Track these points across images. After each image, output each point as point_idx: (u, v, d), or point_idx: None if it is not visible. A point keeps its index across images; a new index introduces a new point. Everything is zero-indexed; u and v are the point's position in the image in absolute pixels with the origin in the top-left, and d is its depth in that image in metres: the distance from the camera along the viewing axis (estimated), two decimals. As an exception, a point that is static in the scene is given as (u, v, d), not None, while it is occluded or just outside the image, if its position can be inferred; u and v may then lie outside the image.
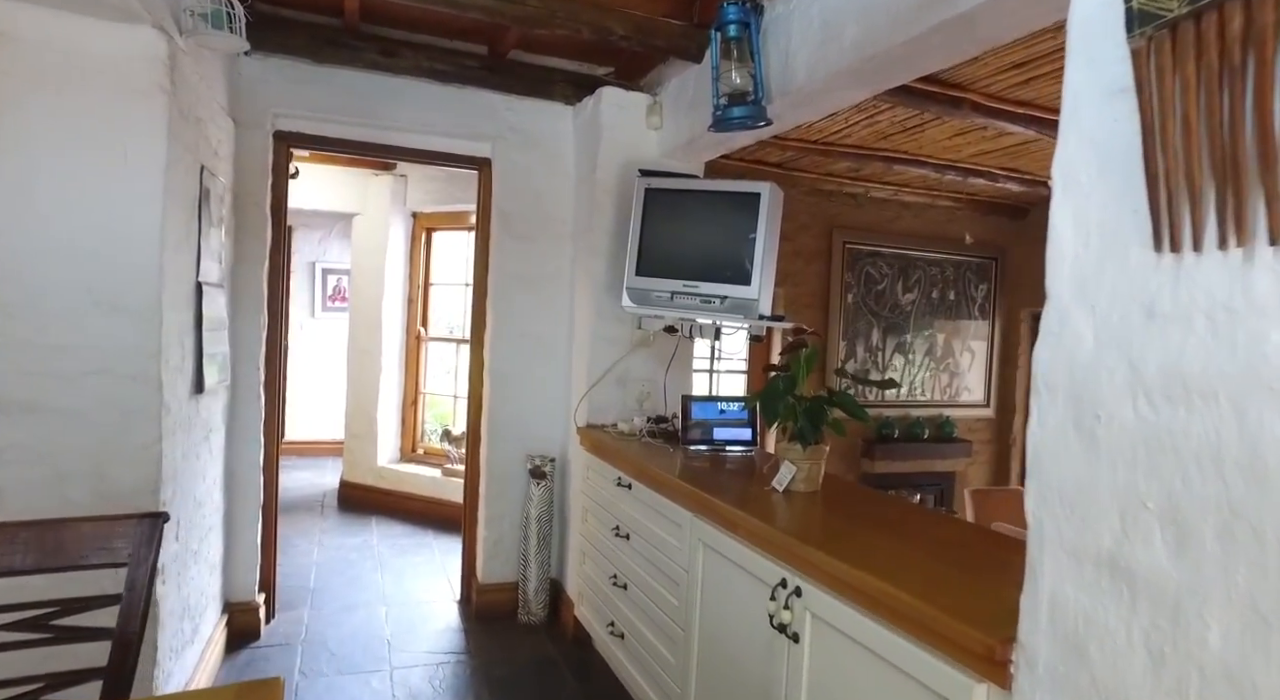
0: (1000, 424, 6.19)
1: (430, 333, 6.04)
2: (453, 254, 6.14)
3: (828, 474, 2.39)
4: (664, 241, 3.12)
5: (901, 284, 5.95)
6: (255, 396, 3.39)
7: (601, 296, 3.48)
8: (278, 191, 3.51)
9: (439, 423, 6.35)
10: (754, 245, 2.88)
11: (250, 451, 3.40)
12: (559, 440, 3.85)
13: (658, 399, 3.56)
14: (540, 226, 3.81)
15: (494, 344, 3.78)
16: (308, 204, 5.92)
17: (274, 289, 3.52)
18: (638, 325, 3.51)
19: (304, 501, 5.94)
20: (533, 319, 3.81)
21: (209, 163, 2.72)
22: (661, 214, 3.12)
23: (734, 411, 2.97)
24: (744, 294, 2.89)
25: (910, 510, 2.23)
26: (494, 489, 3.82)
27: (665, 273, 3.08)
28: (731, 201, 2.97)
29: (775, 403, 2.27)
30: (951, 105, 3.37)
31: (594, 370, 3.49)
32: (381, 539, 5.07)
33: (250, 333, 3.37)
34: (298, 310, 7.80)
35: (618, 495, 2.96)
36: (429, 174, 5.72)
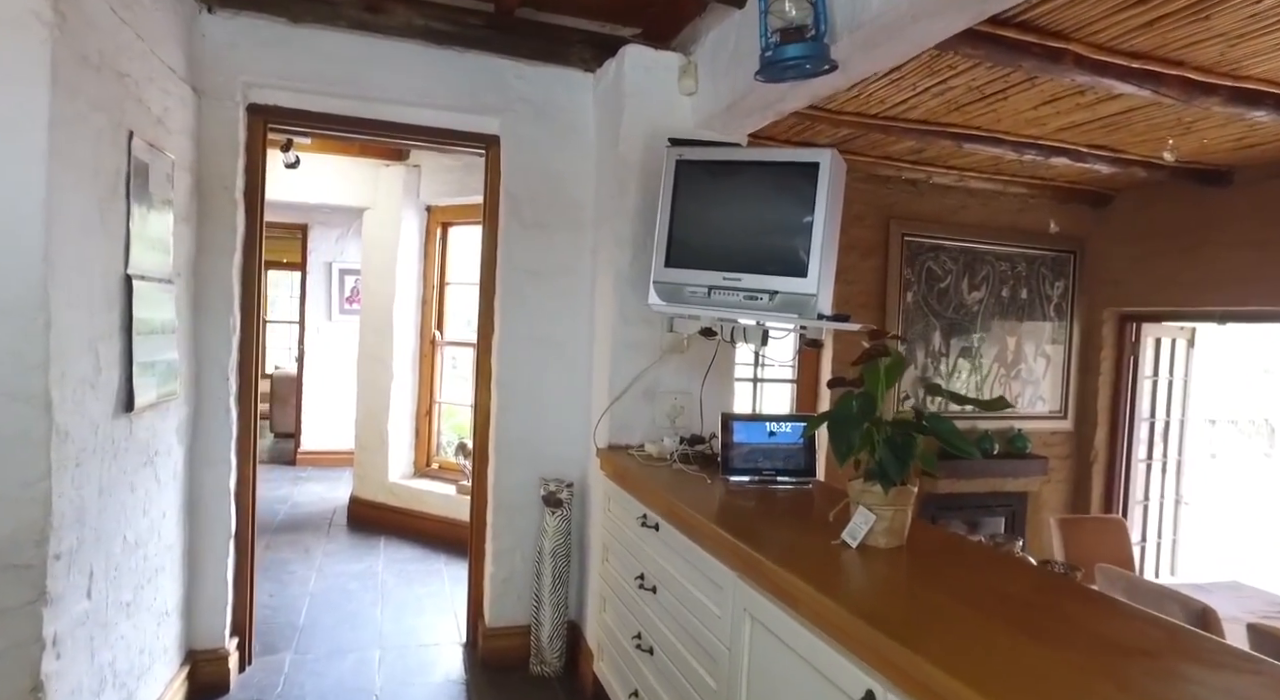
0: (1080, 438, 5.50)
1: (446, 336, 5.57)
2: (470, 250, 5.65)
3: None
4: (699, 225, 2.57)
5: (967, 281, 5.31)
6: (224, 411, 2.92)
7: (626, 294, 2.94)
8: (253, 174, 3.04)
9: (456, 434, 5.87)
10: (811, 228, 2.32)
11: (218, 475, 2.93)
12: (578, 462, 3.32)
13: (692, 415, 3.01)
14: (555, 212, 3.29)
15: (503, 349, 3.27)
16: (313, 197, 5.50)
17: (248, 286, 3.05)
18: (668, 327, 2.96)
19: (311, 519, 5.51)
20: (547, 320, 3.29)
21: (145, 131, 2.25)
22: (696, 191, 2.57)
23: (786, 434, 2.41)
24: (798, 288, 2.33)
25: (1040, 581, 1.64)
26: (503, 518, 3.30)
27: (701, 263, 2.53)
28: (783, 174, 2.41)
29: (849, 430, 1.70)
30: (1050, 59, 2.76)
31: (617, 381, 2.96)
32: (388, 564, 4.59)
33: (217, 337, 2.90)
34: (314, 313, 7.41)
35: (643, 537, 2.42)
36: (444, 163, 5.25)
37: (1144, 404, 5.44)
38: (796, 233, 2.35)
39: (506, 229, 3.26)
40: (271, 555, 4.63)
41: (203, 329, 2.87)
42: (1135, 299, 5.22)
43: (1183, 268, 4.84)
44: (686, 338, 2.97)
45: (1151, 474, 5.50)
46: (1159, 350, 5.48)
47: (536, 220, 3.27)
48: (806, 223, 2.33)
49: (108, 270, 2.02)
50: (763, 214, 2.45)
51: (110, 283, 2.03)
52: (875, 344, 1.79)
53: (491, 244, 3.34)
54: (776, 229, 2.42)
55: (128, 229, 2.12)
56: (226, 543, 2.97)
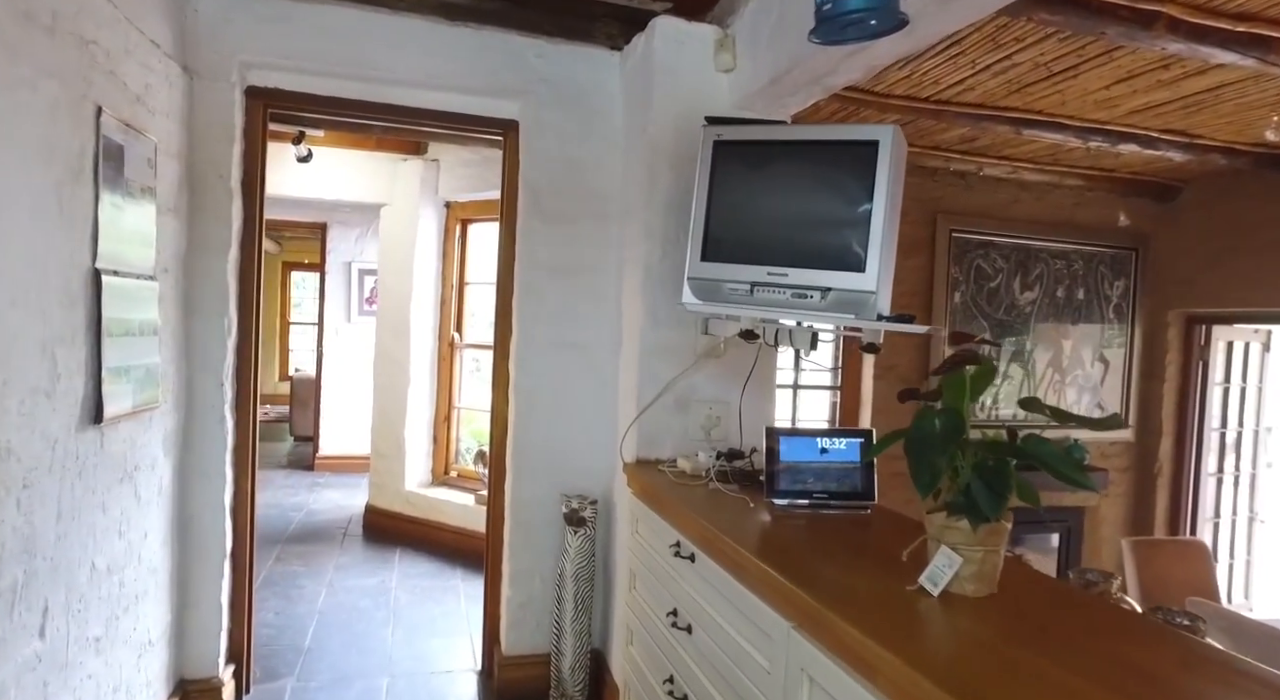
0: (1142, 449, 5.11)
1: (465, 338, 5.33)
2: (491, 249, 5.40)
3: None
4: (740, 214, 2.27)
5: (1019, 280, 4.94)
6: (219, 419, 2.68)
7: (656, 292, 2.66)
8: (252, 163, 2.81)
9: (475, 441, 5.63)
10: (869, 216, 2.02)
11: (212, 489, 2.69)
12: (603, 476, 3.04)
13: (729, 427, 2.72)
14: (579, 204, 3.01)
15: (521, 353, 3.00)
16: (328, 194, 5.29)
17: (246, 284, 2.81)
18: (703, 329, 2.68)
19: (325, 529, 5.29)
20: (569, 322, 3.01)
21: (120, 109, 2.01)
22: (736, 176, 2.28)
23: (840, 451, 2.10)
24: (855, 284, 2.03)
25: (1186, 654, 1.31)
26: (521, 536, 3.03)
27: (742, 257, 2.24)
28: (836, 155, 2.11)
29: (933, 454, 1.40)
30: (1139, 24, 2.43)
31: (646, 389, 2.67)
32: (402, 579, 4.34)
33: (211, 339, 2.66)
34: (333, 314, 7.22)
35: (676, 568, 2.13)
36: (463, 157, 5.01)
37: (1214, 413, 5.03)
38: (852, 222, 2.05)
39: (526, 222, 2.99)
40: (280, 568, 4.41)
41: (195, 331, 2.64)
42: (1205, 299, 4.82)
43: (1260, 265, 4.44)
44: (723, 341, 2.68)
45: (1223, 489, 5.09)
46: (1231, 355, 5.07)
47: (558, 213, 3.00)
48: (864, 210, 2.03)
49: (69, 264, 1.77)
50: (813, 200, 2.15)
51: (72, 278, 1.79)
52: (963, 349, 1.48)
53: (509, 239, 3.08)
54: (829, 217, 2.12)
55: (96, 218, 1.88)
56: (221, 563, 2.73)
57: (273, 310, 11.68)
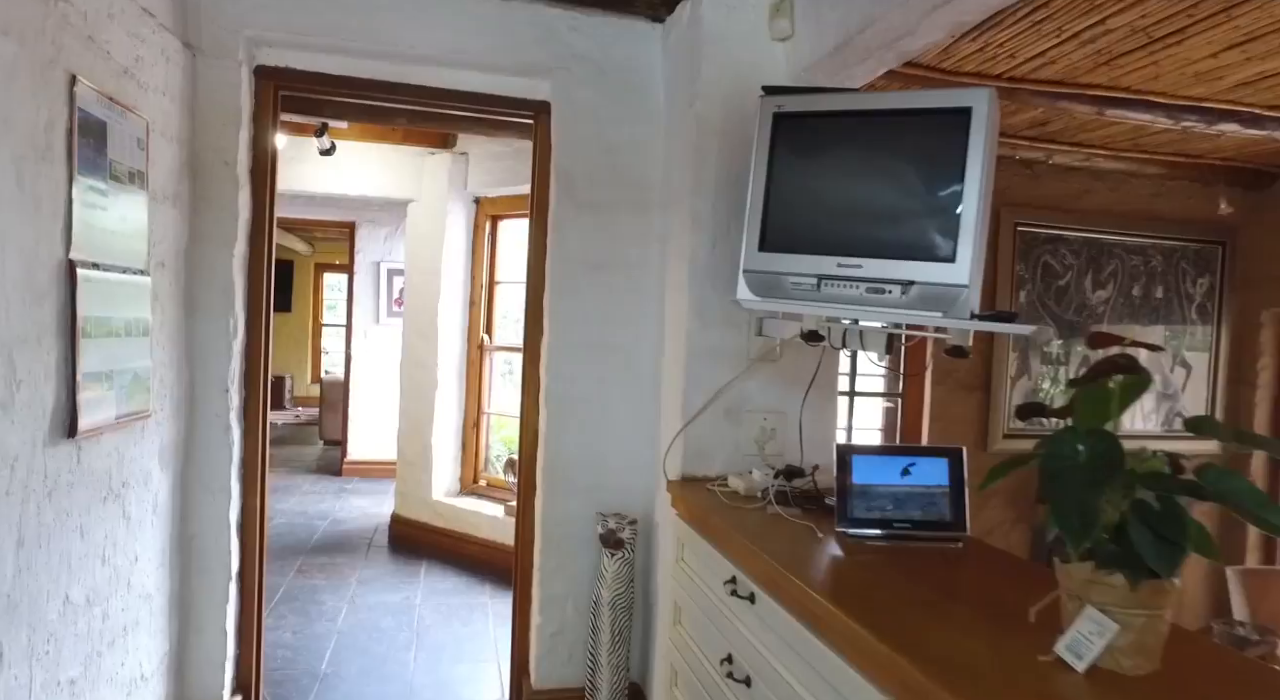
0: (1230, 463, 4.67)
1: (495, 340, 5.08)
2: (522, 246, 5.15)
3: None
4: (805, 197, 1.97)
5: (1091, 278, 4.55)
6: (223, 428, 2.45)
7: (704, 288, 2.37)
8: (262, 150, 2.57)
9: (506, 447, 5.38)
10: (960, 197, 1.71)
11: (216, 505, 2.46)
12: (643, 493, 2.75)
13: (787, 441, 2.41)
14: (617, 192, 2.73)
15: (554, 357, 2.72)
16: (353, 189, 5.09)
17: (255, 281, 2.58)
18: (757, 330, 2.38)
19: (351, 538, 5.08)
20: (606, 322, 2.73)
21: (102, 81, 1.77)
22: (800, 153, 1.98)
23: (924, 473, 1.79)
24: (944, 277, 1.72)
25: None
26: (552, 558, 2.75)
27: (807, 246, 1.93)
28: (921, 125, 1.80)
29: (1084, 490, 1.09)
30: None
31: (693, 397, 2.38)
32: (428, 595, 4.10)
33: (215, 341, 2.43)
34: (361, 316, 7.04)
35: (731, 608, 1.83)
36: (492, 150, 4.76)
37: (1313, 422, 4.58)
38: (939, 204, 1.75)
39: (558, 213, 2.72)
40: (302, 582, 4.20)
41: (197, 332, 2.41)
42: (1303, 297, 4.39)
43: (1369, 260, 4.01)
44: (780, 343, 2.38)
45: (1321, 506, 4.63)
46: (1330, 359, 4.62)
47: (594, 202, 2.72)
48: (953, 191, 1.72)
49: (33, 253, 1.54)
50: (892, 179, 1.84)
51: (37, 270, 1.55)
52: (1113, 355, 1.17)
53: (540, 231, 2.81)
54: (912, 199, 1.81)
55: (70, 202, 1.64)
56: (227, 585, 2.49)
57: (305, 311, 11.63)
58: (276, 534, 5.07)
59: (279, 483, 6.57)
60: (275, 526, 5.23)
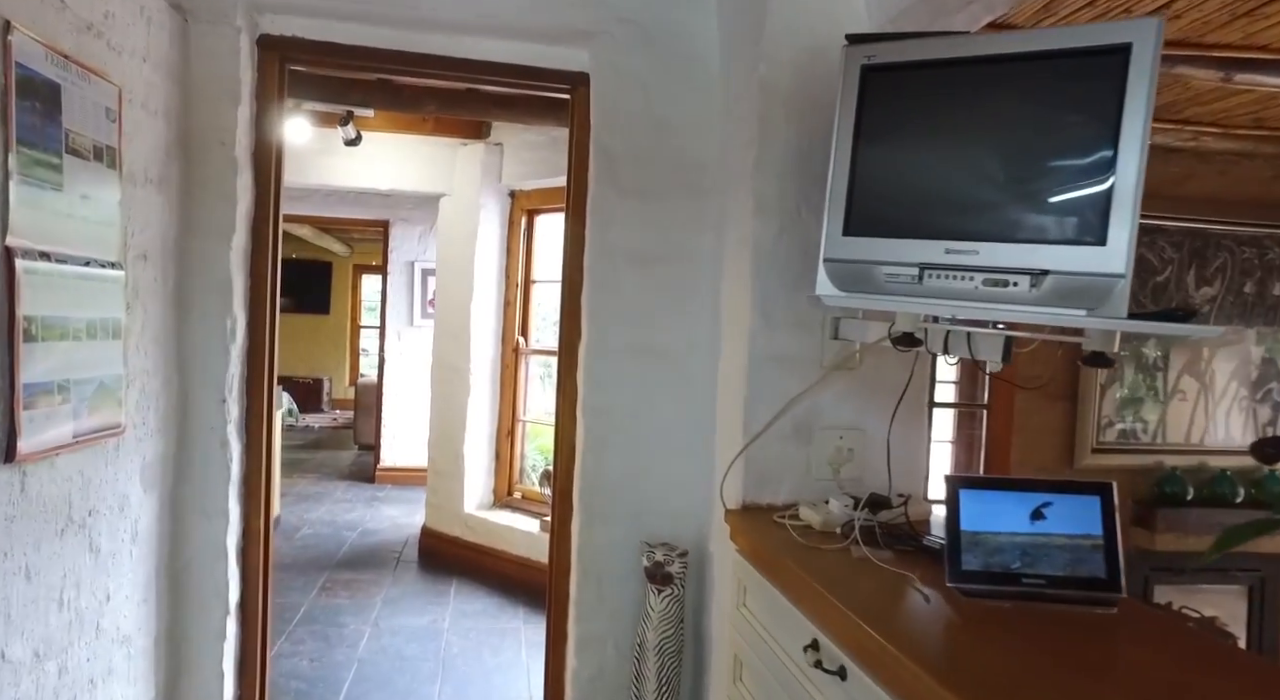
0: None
1: (531, 344, 4.77)
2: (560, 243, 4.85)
3: None
4: (902, 168, 1.60)
5: (1194, 273, 4.06)
6: (219, 443, 2.16)
7: (769, 284, 2.01)
8: (266, 130, 2.28)
9: (543, 457, 5.07)
10: (1113, 162, 1.32)
11: (211, 531, 2.17)
12: (695, 520, 2.39)
13: (867, 462, 2.04)
14: (666, 174, 2.38)
15: (593, 362, 2.39)
16: (382, 183, 4.83)
17: (258, 278, 2.29)
18: (832, 332, 2.01)
19: (379, 552, 4.81)
20: (653, 323, 2.38)
21: (54, 36, 1.48)
22: (897, 114, 1.60)
23: (1064, 515, 1.40)
24: (1090, 264, 1.35)
25: None
26: (591, 592, 2.41)
27: (906, 229, 1.56)
28: (1057, 72, 1.41)
29: None
30: None
31: (756, 411, 2.02)
32: (456, 618, 3.80)
33: (210, 345, 2.14)
34: (395, 317, 6.81)
35: (813, 681, 1.46)
36: (528, 139, 4.46)
37: None
38: (1085, 171, 1.36)
39: (599, 199, 2.38)
40: (324, 601, 3.93)
41: (190, 334, 2.13)
42: None
43: None
44: (860, 348, 2.01)
45: None
46: None
47: (639, 186, 2.37)
48: (1104, 154, 1.33)
49: (-49, 238, 1.24)
50: (1019, 142, 1.46)
51: (-43, 259, 1.26)
52: None
53: (578, 221, 2.47)
54: (1046, 166, 1.43)
55: (5, 176, 1.35)
56: (224, 620, 2.20)
57: (343, 313, 11.52)
58: (303, 546, 4.84)
59: (310, 489, 6.38)
60: (302, 538, 5.01)
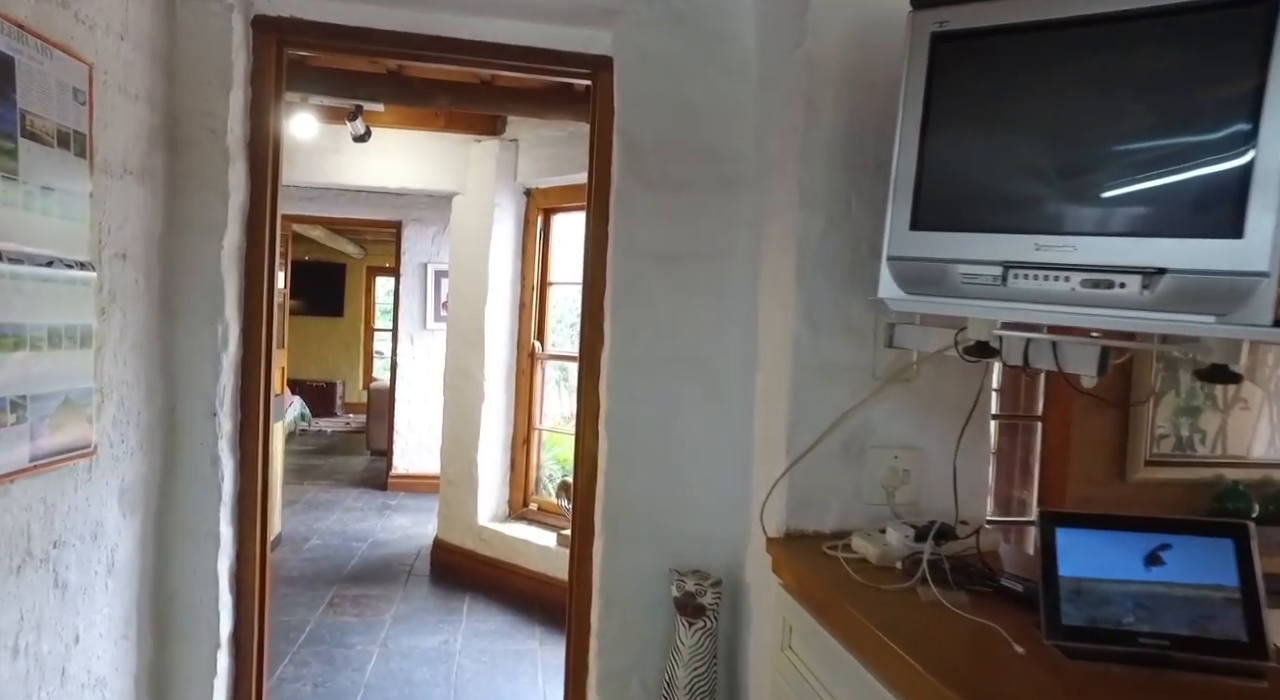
0: None
1: (548, 349, 4.58)
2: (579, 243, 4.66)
3: None
4: (983, 151, 1.38)
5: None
6: (210, 461, 1.98)
7: (816, 286, 1.79)
8: (262, 119, 2.10)
9: (559, 466, 4.87)
10: (1253, 136, 1.10)
11: (200, 556, 1.99)
12: (729, 545, 2.18)
13: (924, 485, 1.82)
14: (695, 166, 2.17)
15: (617, 372, 2.18)
16: (392, 181, 4.65)
17: (254, 280, 2.10)
18: (886, 339, 1.80)
19: (390, 565, 4.63)
20: (683, 329, 2.18)
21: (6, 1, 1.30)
22: (974, 89, 1.39)
23: (1187, 560, 1.17)
24: (1222, 261, 1.13)
25: None
26: (614, 623, 2.20)
27: (987, 221, 1.35)
28: (1179, 31, 1.19)
29: None
30: None
31: (800, 427, 1.80)
32: (469, 638, 3.61)
33: (198, 354, 1.96)
34: (408, 320, 6.64)
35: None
36: (545, 135, 4.26)
37: None
38: (1215, 147, 1.14)
39: (623, 194, 2.18)
40: (331, 619, 3.75)
41: (177, 342, 1.94)
42: None
43: None
44: (917, 358, 1.79)
45: None
46: None
47: (667, 179, 2.17)
48: (1240, 127, 1.11)
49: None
50: (1130, 116, 1.24)
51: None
52: None
53: (600, 217, 2.27)
54: (1164, 143, 1.20)
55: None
56: (214, 654, 2.01)
57: (357, 316, 11.39)
58: (311, 558, 4.66)
59: (320, 497, 6.22)
60: (311, 549, 4.84)
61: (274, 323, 2.20)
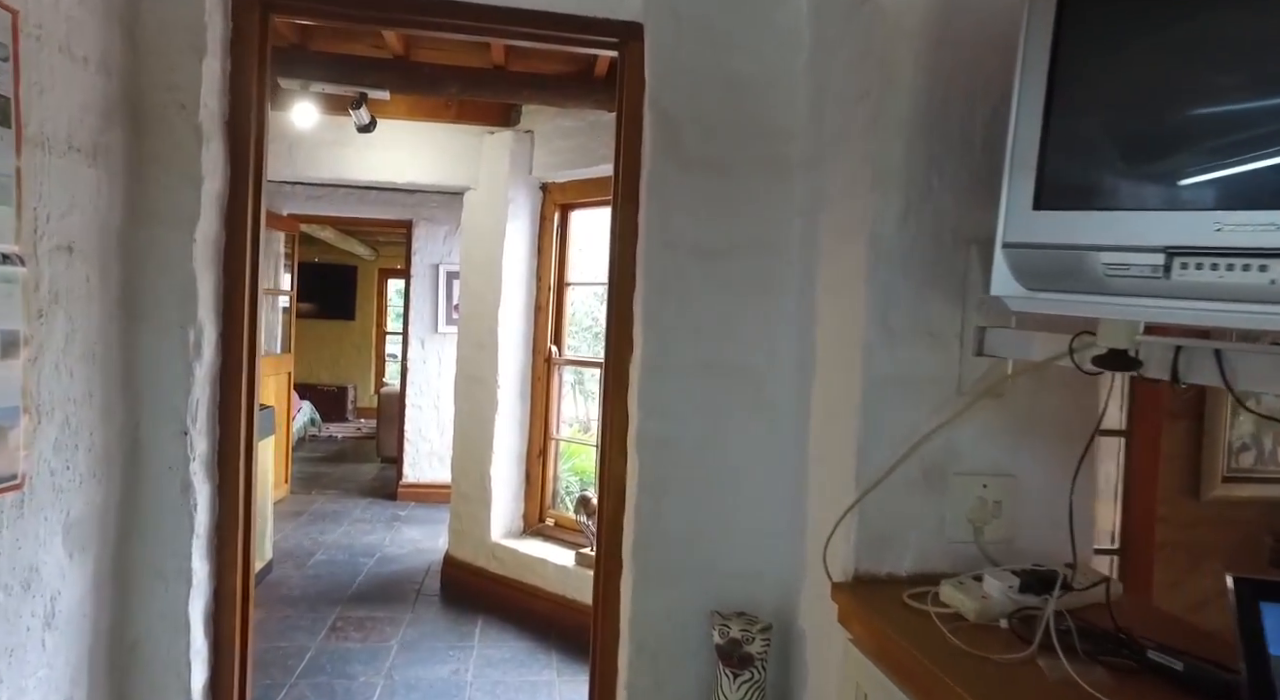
0: None
1: (565, 354, 4.30)
2: (598, 241, 4.38)
3: None
4: (1139, 100, 1.08)
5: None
6: (180, 487, 1.71)
7: (891, 282, 1.50)
8: (243, 93, 1.83)
9: (578, 478, 4.59)
10: None
11: (169, 596, 1.72)
12: (781, 584, 1.89)
13: (1021, 517, 1.52)
14: (739, 145, 1.88)
15: (650, 384, 1.89)
16: (400, 175, 4.39)
17: (233, 277, 1.83)
18: (975, 346, 1.50)
19: (398, 583, 4.36)
20: (726, 334, 1.89)
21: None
22: (1122, 28, 1.09)
23: None
24: None
25: None
26: (645, 673, 1.91)
27: (1142, 194, 1.05)
28: None
29: None
30: None
31: (873, 449, 1.51)
32: (481, 667, 3.33)
33: (166, 363, 1.69)
34: (418, 323, 6.39)
35: None
36: (562, 125, 3.98)
37: None
38: None
39: (656, 178, 1.89)
40: (334, 645, 3.48)
41: (139, 349, 1.68)
42: None
43: None
44: (1012, 367, 1.49)
45: None
46: None
47: (707, 159, 1.88)
48: None
49: None
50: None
51: None
52: None
53: (629, 205, 1.98)
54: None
55: None
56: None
57: (368, 319, 11.18)
58: (315, 575, 4.40)
59: (328, 507, 5.97)
60: (315, 565, 4.58)
61: (259, 327, 1.93)
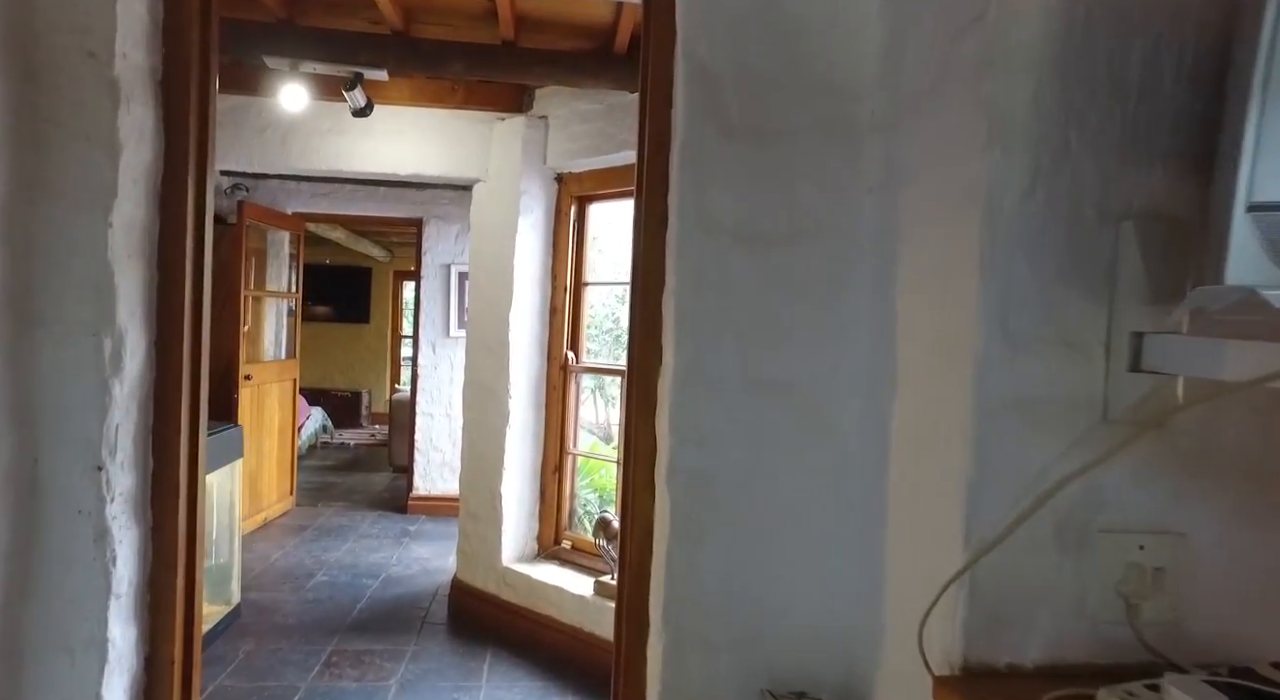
0: None
1: (583, 359, 3.93)
2: (619, 236, 4.02)
3: None
4: None
5: None
6: (93, 536, 1.36)
7: (1014, 272, 1.11)
8: (176, 47, 1.48)
9: (597, 495, 4.22)
10: None
11: (76, 675, 1.37)
12: (849, 657, 1.50)
13: (1192, 590, 1.12)
14: (797, 102, 1.50)
15: (682, 403, 1.51)
16: (402, 166, 4.05)
17: (172, 273, 1.48)
18: (1129, 360, 1.11)
19: (403, 608, 4.03)
20: (777, 340, 1.51)
21: None
22: None
23: None
24: None
25: None
26: (679, 762, 1.54)
27: None
28: None
29: None
30: None
31: (986, 496, 1.12)
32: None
33: (73, 378, 1.35)
34: (429, 327, 6.07)
35: None
36: (579, 110, 3.63)
37: None
38: None
39: (692, 146, 1.51)
40: (326, 684, 3.15)
41: (35, 363, 1.33)
42: None
43: None
44: (1183, 388, 1.09)
45: None
46: None
47: (754, 123, 1.50)
48: None
49: None
50: None
51: None
52: None
53: (657, 182, 1.60)
54: None
55: None
56: (106, 812, 1.39)
57: (383, 322, 10.91)
58: (314, 600, 4.08)
59: (334, 522, 5.66)
60: (315, 588, 4.26)
61: (204, 334, 1.58)
